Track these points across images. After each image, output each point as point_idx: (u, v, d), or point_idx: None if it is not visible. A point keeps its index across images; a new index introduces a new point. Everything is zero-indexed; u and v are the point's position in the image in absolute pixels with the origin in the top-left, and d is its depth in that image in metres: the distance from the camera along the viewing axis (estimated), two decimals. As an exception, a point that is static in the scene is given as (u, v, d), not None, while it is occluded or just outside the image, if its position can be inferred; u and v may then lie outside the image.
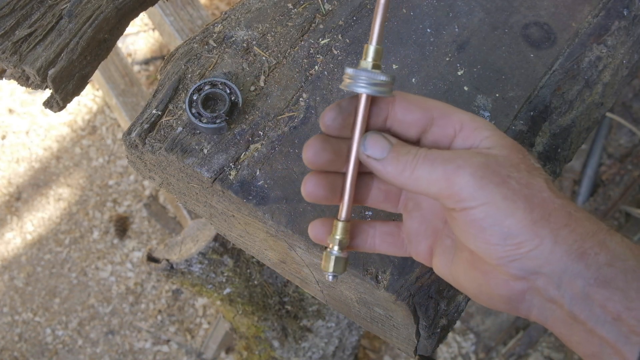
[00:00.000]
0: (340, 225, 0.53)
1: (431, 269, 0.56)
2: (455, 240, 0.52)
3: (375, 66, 0.49)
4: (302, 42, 0.78)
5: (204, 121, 0.68)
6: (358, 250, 0.57)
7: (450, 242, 0.52)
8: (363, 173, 0.54)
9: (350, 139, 0.51)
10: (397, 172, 0.48)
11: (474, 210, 0.45)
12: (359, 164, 0.51)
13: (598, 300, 0.43)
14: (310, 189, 0.51)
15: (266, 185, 0.68)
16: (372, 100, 0.50)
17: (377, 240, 0.56)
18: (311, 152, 0.50)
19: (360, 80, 0.49)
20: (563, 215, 0.45)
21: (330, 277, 0.54)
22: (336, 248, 0.53)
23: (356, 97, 0.51)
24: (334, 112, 0.50)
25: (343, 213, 0.53)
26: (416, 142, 0.52)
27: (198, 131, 0.70)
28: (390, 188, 0.55)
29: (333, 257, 0.54)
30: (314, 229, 0.55)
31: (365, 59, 0.50)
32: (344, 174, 0.52)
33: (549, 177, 0.48)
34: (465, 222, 0.46)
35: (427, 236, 0.54)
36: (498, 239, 0.45)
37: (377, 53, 0.50)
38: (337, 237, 0.53)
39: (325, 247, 0.54)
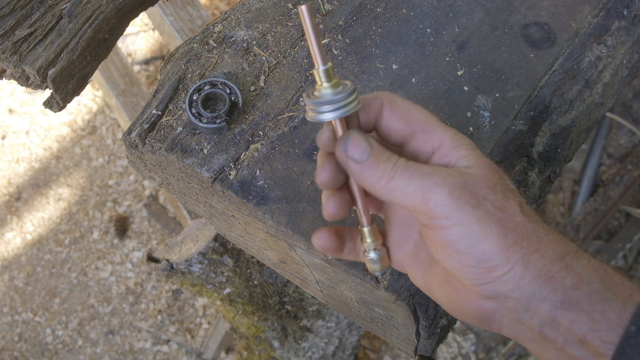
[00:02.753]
0: (365, 231, 0.55)
1: None
2: (430, 254, 0.52)
3: (334, 85, 0.48)
4: (302, 42, 0.78)
5: (204, 121, 0.68)
6: (347, 258, 0.58)
7: (425, 254, 0.53)
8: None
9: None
10: (374, 179, 0.47)
11: (448, 230, 0.45)
12: None
13: (564, 323, 0.44)
14: (332, 210, 0.52)
15: (266, 185, 0.68)
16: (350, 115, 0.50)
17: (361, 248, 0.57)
18: (324, 176, 0.51)
19: (324, 109, 0.48)
20: (534, 240, 0.45)
21: (379, 275, 0.58)
22: (372, 253, 0.56)
23: (329, 123, 0.50)
24: (327, 133, 0.50)
25: (363, 220, 0.54)
26: (399, 148, 0.52)
27: (198, 131, 0.70)
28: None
29: (373, 259, 0.56)
30: (321, 239, 0.56)
31: (320, 84, 0.48)
32: (350, 185, 0.52)
33: (522, 199, 0.48)
34: (439, 241, 0.46)
35: (404, 245, 0.55)
36: (472, 262, 0.45)
37: (328, 74, 0.48)
38: (368, 241, 0.55)
39: (364, 252, 0.56)
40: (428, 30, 0.81)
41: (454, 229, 0.45)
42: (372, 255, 0.55)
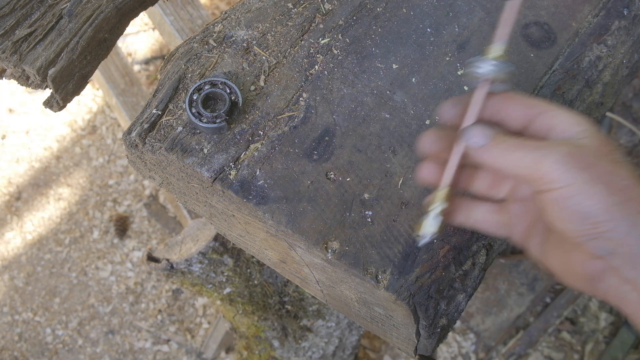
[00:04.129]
0: (444, 190, 0.57)
1: (432, 269, 0.57)
2: (545, 225, 0.56)
3: (504, 58, 0.54)
4: (302, 42, 0.78)
5: (204, 121, 0.68)
6: (460, 225, 0.61)
7: (542, 225, 0.57)
8: (469, 164, 0.59)
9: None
10: (493, 158, 0.53)
11: (558, 192, 0.49)
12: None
13: None
14: (425, 174, 0.59)
15: (266, 185, 0.68)
16: (487, 96, 0.55)
17: (481, 217, 0.61)
18: (427, 142, 0.58)
19: (488, 66, 0.54)
20: None
21: (426, 240, 0.58)
22: (438, 209, 0.57)
23: (470, 93, 0.56)
24: (453, 102, 0.58)
25: (447, 179, 0.57)
26: (519, 133, 0.57)
27: (198, 131, 0.70)
28: (495, 176, 0.60)
29: (433, 217, 0.57)
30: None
31: (491, 54, 0.54)
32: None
33: (634, 170, 0.51)
34: (550, 201, 0.50)
35: (525, 220, 0.58)
36: (577, 218, 0.49)
37: (507, 51, 0.54)
38: (440, 199, 0.57)
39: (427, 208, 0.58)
40: (428, 30, 0.81)
41: (563, 190, 0.49)
42: (437, 212, 0.56)
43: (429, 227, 0.57)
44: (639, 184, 0.49)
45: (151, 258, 1.15)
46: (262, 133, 0.71)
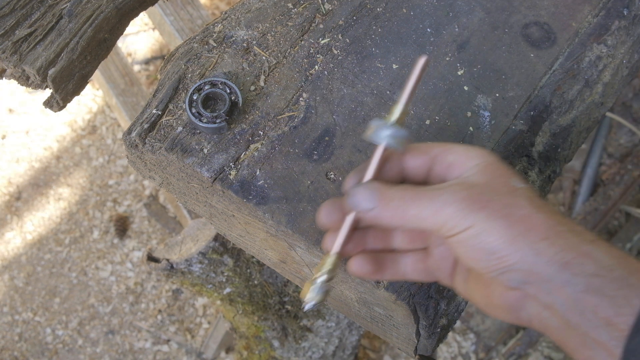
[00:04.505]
0: (331, 258, 0.56)
1: None
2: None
3: (400, 123, 0.55)
4: (302, 42, 0.78)
5: (204, 121, 0.68)
6: (389, 279, 0.61)
7: (462, 265, 0.57)
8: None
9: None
10: (390, 217, 0.53)
11: (462, 234, 0.50)
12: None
13: (589, 306, 0.46)
14: (329, 245, 0.57)
15: (266, 185, 0.68)
16: (385, 156, 0.56)
17: (409, 268, 0.60)
18: (323, 215, 0.57)
19: (383, 133, 0.55)
20: (543, 229, 0.49)
21: (309, 306, 0.57)
22: (322, 279, 0.56)
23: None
24: (354, 176, 0.57)
25: (337, 245, 0.56)
26: (424, 180, 0.58)
27: (198, 131, 0.70)
28: (412, 231, 0.60)
29: (316, 288, 0.56)
30: (357, 265, 0.59)
31: (390, 116, 0.55)
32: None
33: (533, 195, 0.52)
34: (457, 244, 0.51)
35: (448, 261, 0.58)
36: (484, 255, 0.49)
37: (403, 113, 0.55)
38: (326, 269, 0.56)
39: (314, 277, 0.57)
40: (428, 30, 0.81)
41: (466, 232, 0.50)
42: (322, 282, 0.56)
43: (314, 295, 0.56)
44: (537, 210, 0.50)
45: (151, 258, 1.15)
46: (262, 133, 0.71)
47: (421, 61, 0.55)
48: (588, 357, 0.47)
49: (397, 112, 0.55)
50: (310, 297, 0.56)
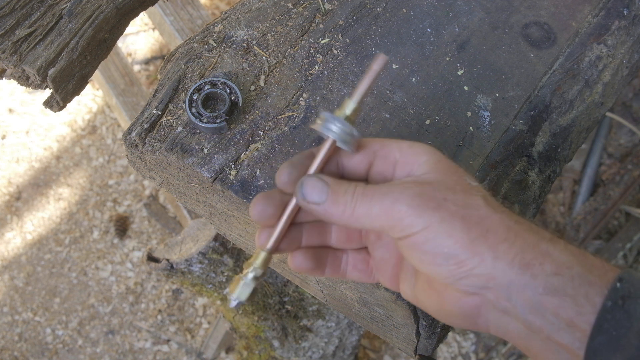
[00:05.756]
0: (263, 254, 0.54)
1: None
2: (413, 267, 0.53)
3: (350, 120, 0.51)
4: (302, 42, 0.78)
5: (204, 121, 0.68)
6: (330, 277, 0.58)
7: (410, 267, 0.54)
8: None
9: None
10: (339, 214, 0.50)
11: (416, 237, 0.47)
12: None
13: (550, 308, 0.44)
14: (263, 242, 0.54)
15: (266, 185, 0.68)
16: (326, 161, 0.53)
17: (349, 267, 0.58)
18: (255, 211, 0.52)
19: (335, 127, 0.51)
20: (501, 231, 0.46)
21: (235, 304, 0.54)
22: (251, 276, 0.54)
23: (309, 151, 0.53)
24: (289, 169, 0.52)
25: (271, 243, 0.53)
26: (365, 177, 0.54)
27: (198, 131, 0.70)
28: (349, 228, 0.56)
29: (244, 284, 0.54)
30: (297, 260, 0.55)
31: (342, 110, 0.51)
32: (286, 206, 0.53)
33: (487, 194, 0.49)
34: (410, 247, 0.48)
35: (392, 264, 0.56)
36: (441, 260, 0.47)
37: (356, 111, 0.52)
38: (256, 265, 0.54)
39: (241, 271, 0.55)
40: (428, 30, 0.81)
41: (420, 234, 0.47)
42: (250, 279, 0.54)
43: (240, 292, 0.54)
44: (493, 210, 0.47)
45: (151, 258, 1.15)
46: (262, 133, 0.71)
47: (379, 59, 0.51)
48: None
49: (349, 107, 0.51)
50: (237, 294, 0.53)
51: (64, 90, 0.78)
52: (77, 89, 0.80)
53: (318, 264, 0.56)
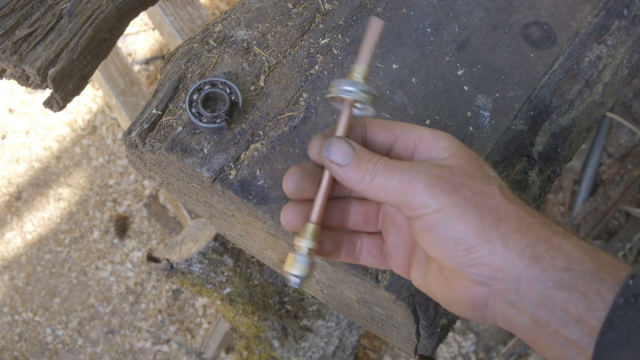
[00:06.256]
0: (311, 227, 0.53)
1: None
2: (425, 253, 0.53)
3: (366, 80, 0.52)
4: (302, 42, 0.78)
5: (204, 121, 0.68)
6: (344, 261, 0.58)
7: (422, 253, 0.54)
8: (341, 197, 0.56)
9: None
10: (358, 180, 0.50)
11: (428, 217, 0.47)
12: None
13: (559, 303, 0.44)
14: (289, 218, 0.53)
15: (266, 185, 0.68)
16: (349, 126, 0.53)
17: (363, 252, 0.58)
18: (291, 183, 0.52)
19: (349, 87, 0.51)
20: (514, 221, 0.46)
21: (297, 281, 0.52)
22: (306, 250, 0.52)
23: (335, 124, 0.53)
24: (320, 140, 0.53)
25: (315, 216, 0.53)
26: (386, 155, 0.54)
27: (198, 131, 0.70)
28: (368, 209, 0.57)
29: (301, 259, 0.52)
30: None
31: (352, 74, 0.52)
32: (320, 179, 0.53)
33: (504, 185, 0.49)
34: (421, 228, 0.48)
35: (404, 250, 0.56)
36: (451, 245, 0.46)
37: (366, 72, 0.52)
38: (307, 237, 0.53)
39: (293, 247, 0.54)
40: (428, 30, 0.81)
41: (433, 215, 0.47)
42: (305, 254, 0.52)
43: (301, 270, 0.52)
44: (508, 200, 0.47)
45: (151, 258, 1.15)
46: (262, 133, 0.71)
47: (373, 23, 0.51)
48: (559, 355, 0.46)
49: (359, 70, 0.52)
50: (297, 270, 0.51)
51: (64, 90, 0.78)
52: (77, 89, 0.80)
53: (334, 247, 0.56)
